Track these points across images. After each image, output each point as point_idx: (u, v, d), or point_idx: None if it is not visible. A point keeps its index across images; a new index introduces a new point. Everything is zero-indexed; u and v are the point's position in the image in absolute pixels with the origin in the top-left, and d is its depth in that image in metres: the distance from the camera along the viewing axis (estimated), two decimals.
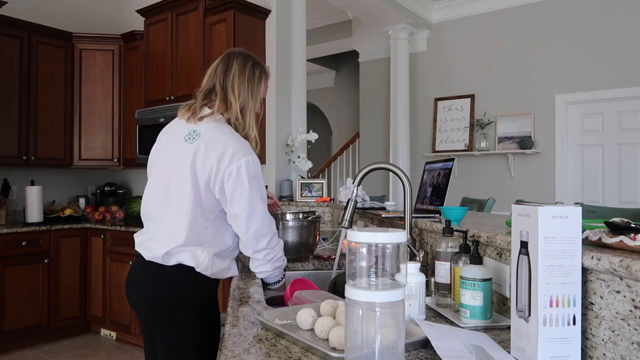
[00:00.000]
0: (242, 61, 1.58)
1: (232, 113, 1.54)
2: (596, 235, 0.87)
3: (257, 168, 1.50)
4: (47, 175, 4.53)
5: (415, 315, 1.14)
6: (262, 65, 1.63)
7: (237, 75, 1.55)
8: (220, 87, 1.55)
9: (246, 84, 1.56)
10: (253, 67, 1.59)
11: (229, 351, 0.95)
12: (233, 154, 1.45)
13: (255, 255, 1.54)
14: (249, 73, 1.57)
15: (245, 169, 1.45)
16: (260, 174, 1.52)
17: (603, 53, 4.69)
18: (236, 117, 1.54)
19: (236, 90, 1.54)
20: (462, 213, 1.54)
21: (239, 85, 1.55)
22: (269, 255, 1.54)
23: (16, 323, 3.74)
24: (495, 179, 5.27)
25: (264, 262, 1.55)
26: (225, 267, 1.54)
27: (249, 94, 1.57)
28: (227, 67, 1.57)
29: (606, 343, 0.80)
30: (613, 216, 0.98)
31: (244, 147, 1.48)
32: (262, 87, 1.62)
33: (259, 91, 1.60)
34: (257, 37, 3.80)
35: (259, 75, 1.60)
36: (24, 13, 4.21)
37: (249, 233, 1.49)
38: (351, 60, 7.43)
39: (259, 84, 1.59)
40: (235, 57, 1.59)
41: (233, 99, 1.54)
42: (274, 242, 1.55)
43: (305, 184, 3.67)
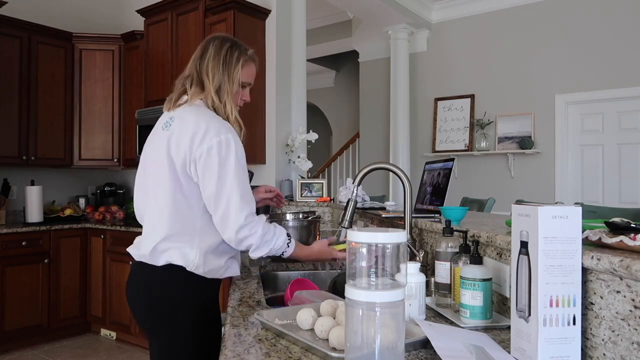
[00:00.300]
0: (218, 44, 1.53)
1: (208, 96, 1.49)
2: (596, 235, 0.87)
3: (231, 148, 1.40)
4: (47, 175, 4.53)
5: (415, 315, 1.14)
6: (241, 47, 1.56)
7: (212, 57, 1.51)
8: (196, 72, 1.53)
9: (221, 65, 1.50)
10: (230, 49, 1.53)
11: (229, 351, 0.95)
12: (205, 133, 1.39)
13: (231, 242, 1.43)
14: (224, 55, 1.51)
15: (217, 148, 1.38)
16: (236, 155, 1.41)
17: (603, 53, 4.69)
18: (212, 99, 1.49)
19: (210, 73, 1.50)
20: (462, 213, 1.54)
21: (213, 67, 1.50)
22: (248, 240, 1.42)
23: (16, 323, 3.74)
24: (495, 179, 5.27)
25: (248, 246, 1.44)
26: (220, 265, 1.47)
27: (225, 75, 1.50)
28: (203, 52, 1.54)
29: (606, 343, 0.80)
30: (613, 216, 0.98)
31: (217, 126, 1.41)
32: (240, 68, 1.53)
33: (236, 72, 1.52)
34: (257, 37, 3.80)
35: (237, 56, 1.53)
36: (24, 13, 4.21)
37: (217, 216, 1.40)
38: (351, 60, 7.43)
39: (236, 64, 1.52)
40: (212, 40, 1.56)
41: (207, 81, 1.50)
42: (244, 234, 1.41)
43: (305, 184, 3.67)
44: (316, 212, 2.57)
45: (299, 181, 3.68)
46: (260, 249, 1.45)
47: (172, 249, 1.42)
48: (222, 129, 1.41)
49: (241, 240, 1.41)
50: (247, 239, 1.42)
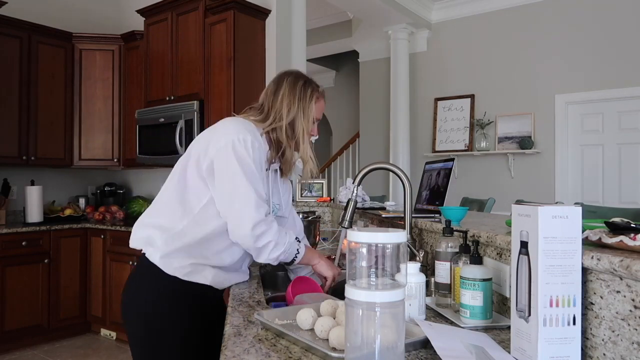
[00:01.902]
0: (292, 80, 1.54)
1: (269, 127, 1.49)
2: (596, 235, 0.87)
3: (248, 147, 1.40)
4: (47, 175, 4.53)
5: (415, 315, 1.14)
6: (313, 84, 1.57)
7: (287, 93, 1.52)
8: (267, 107, 1.53)
9: (296, 102, 1.51)
10: (304, 86, 1.54)
11: (229, 351, 0.95)
12: (225, 132, 1.42)
13: (247, 240, 1.40)
14: (299, 91, 1.52)
15: (232, 146, 1.39)
16: (251, 157, 1.40)
17: (603, 53, 4.69)
18: (277, 134, 1.50)
19: (284, 109, 1.50)
20: (462, 213, 1.54)
21: (288, 104, 1.50)
22: (257, 243, 1.40)
23: (16, 323, 3.74)
24: (495, 179, 5.27)
25: (256, 251, 1.42)
26: (181, 264, 1.42)
27: (300, 112, 1.51)
28: (277, 87, 1.54)
29: (606, 343, 0.80)
30: (613, 216, 0.98)
31: (238, 127, 1.43)
32: (314, 105, 1.54)
33: (310, 109, 1.53)
34: (257, 37, 3.80)
35: (310, 93, 1.54)
36: (24, 13, 4.21)
37: (233, 212, 1.39)
38: (351, 60, 7.43)
39: (310, 101, 1.53)
40: (286, 76, 1.56)
41: (273, 116, 1.50)
42: (260, 229, 1.39)
43: (305, 184, 3.67)
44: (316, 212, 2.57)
45: (298, 182, 3.68)
46: (277, 246, 1.42)
47: (145, 231, 1.48)
48: (242, 130, 1.42)
49: (258, 236, 1.38)
50: (265, 235, 1.39)
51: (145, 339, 1.46)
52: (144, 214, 1.54)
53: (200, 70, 3.78)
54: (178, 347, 1.44)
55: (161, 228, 1.45)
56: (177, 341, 1.44)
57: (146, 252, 1.46)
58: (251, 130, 1.44)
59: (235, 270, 1.55)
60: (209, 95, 3.73)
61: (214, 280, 1.48)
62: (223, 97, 3.63)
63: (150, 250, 1.45)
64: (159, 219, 1.48)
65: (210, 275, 1.46)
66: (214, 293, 1.51)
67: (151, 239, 1.46)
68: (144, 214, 1.55)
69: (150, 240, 1.46)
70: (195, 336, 1.47)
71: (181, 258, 1.43)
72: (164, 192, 1.52)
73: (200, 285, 1.46)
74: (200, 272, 1.45)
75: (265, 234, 1.39)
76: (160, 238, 1.44)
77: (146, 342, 1.45)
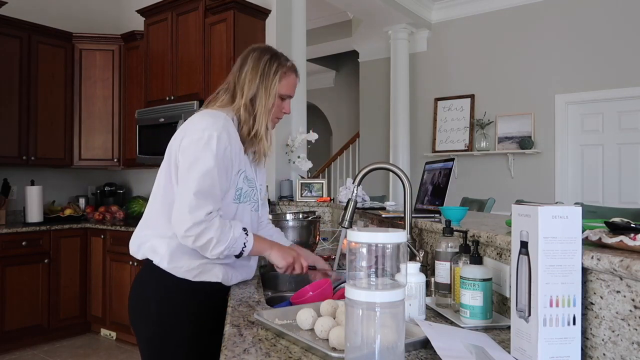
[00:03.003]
0: (257, 55, 1.51)
1: (236, 108, 1.48)
2: (596, 235, 0.87)
3: (212, 144, 1.36)
4: (47, 175, 4.53)
5: (415, 315, 1.14)
6: (280, 58, 1.53)
7: (250, 69, 1.49)
8: (233, 84, 1.52)
9: (258, 78, 1.48)
10: (270, 61, 1.50)
11: (229, 351, 0.95)
12: (194, 126, 1.41)
13: (187, 238, 1.35)
14: (263, 67, 1.49)
15: (194, 144, 1.37)
16: (216, 153, 1.37)
17: (603, 53, 4.69)
18: (241, 112, 1.48)
19: (246, 85, 1.48)
20: (462, 213, 1.54)
21: (250, 80, 1.48)
22: (195, 243, 1.35)
23: (16, 323, 3.74)
24: (495, 179, 5.27)
25: (198, 249, 1.37)
26: (191, 266, 1.42)
27: (262, 88, 1.48)
28: (242, 63, 1.53)
29: (606, 343, 0.80)
30: (613, 216, 0.98)
31: (207, 122, 1.40)
32: (278, 81, 1.50)
33: (273, 85, 1.49)
34: (257, 37, 3.80)
35: (275, 68, 1.50)
36: (24, 13, 4.21)
37: (175, 208, 1.36)
38: (351, 60, 7.43)
39: (274, 77, 1.49)
40: (252, 52, 1.54)
41: (239, 94, 1.49)
42: (197, 230, 1.33)
43: (305, 184, 3.67)
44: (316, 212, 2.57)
45: (299, 181, 3.68)
46: (219, 243, 1.36)
47: (148, 242, 1.46)
48: (210, 126, 1.39)
49: (197, 236, 1.33)
50: (204, 234, 1.34)
51: (154, 339, 1.46)
52: (140, 226, 1.52)
53: (200, 70, 3.78)
54: (187, 345, 1.45)
55: (161, 236, 1.44)
56: (186, 340, 1.45)
57: (154, 260, 1.44)
58: (220, 125, 1.40)
59: (243, 266, 1.55)
60: (209, 96, 3.70)
61: (224, 278, 1.48)
62: None
63: (157, 258, 1.44)
64: (156, 229, 1.47)
65: (221, 272, 1.46)
66: (221, 289, 1.50)
67: (154, 247, 1.45)
68: (140, 226, 1.53)
69: (153, 248, 1.45)
70: (204, 334, 1.47)
71: (188, 261, 1.43)
72: (152, 201, 1.50)
73: (209, 283, 1.46)
74: (210, 271, 1.45)
75: (204, 233, 1.34)
76: (162, 245, 1.43)
77: (156, 342, 1.45)
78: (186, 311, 1.45)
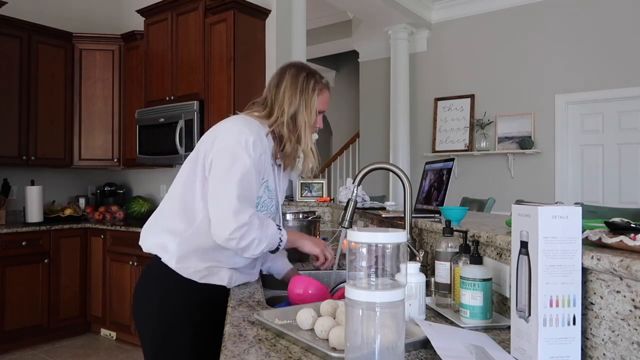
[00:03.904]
0: (295, 72, 1.53)
1: (274, 122, 1.49)
2: (596, 235, 0.87)
3: (247, 150, 1.38)
4: (47, 175, 4.53)
5: (415, 315, 1.14)
6: (316, 75, 1.55)
7: (289, 86, 1.50)
8: (270, 100, 1.53)
9: (298, 95, 1.49)
10: (307, 78, 1.52)
11: (229, 351, 0.95)
12: (228, 132, 1.42)
13: (230, 240, 1.36)
14: (301, 83, 1.51)
15: (232, 147, 1.38)
16: (251, 158, 1.39)
17: (603, 53, 4.69)
18: (276, 126, 1.48)
19: (286, 102, 1.49)
20: (462, 213, 1.54)
21: (290, 96, 1.49)
22: (239, 244, 1.37)
23: (16, 323, 3.74)
24: (495, 179, 5.27)
25: (239, 250, 1.40)
26: (198, 268, 1.43)
27: (302, 104, 1.49)
28: (279, 80, 1.53)
29: (606, 343, 0.80)
30: (613, 216, 0.98)
31: (241, 128, 1.42)
32: (316, 97, 1.52)
33: (313, 101, 1.51)
34: (257, 37, 3.80)
35: (313, 85, 1.52)
36: (24, 13, 4.21)
37: (217, 211, 1.38)
38: (351, 60, 7.43)
39: (312, 93, 1.51)
40: (288, 69, 1.55)
41: (278, 110, 1.49)
42: (241, 232, 1.35)
43: (305, 184, 3.67)
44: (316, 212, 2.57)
45: (299, 181, 3.68)
46: (261, 242, 1.39)
47: (158, 238, 1.47)
48: (245, 131, 1.41)
49: (240, 238, 1.35)
50: (246, 235, 1.36)
51: (157, 337, 1.46)
52: (154, 218, 1.53)
53: (200, 70, 3.78)
54: (189, 344, 1.45)
55: (173, 233, 1.45)
56: (188, 339, 1.45)
57: (162, 257, 1.45)
58: (255, 131, 1.43)
59: (248, 272, 1.55)
60: (209, 95, 3.73)
61: (229, 281, 1.49)
62: (223, 97, 3.63)
63: (166, 257, 1.44)
64: (169, 224, 1.47)
65: (227, 276, 1.48)
66: (223, 290, 1.51)
67: (165, 244, 1.45)
68: (154, 217, 1.54)
69: (164, 246, 1.45)
70: (206, 333, 1.48)
71: (197, 262, 1.44)
72: (172, 194, 1.51)
73: (214, 285, 1.47)
74: (217, 274, 1.46)
75: (247, 234, 1.36)
76: (173, 243, 1.43)
77: (159, 340, 1.46)
78: (189, 311, 1.45)
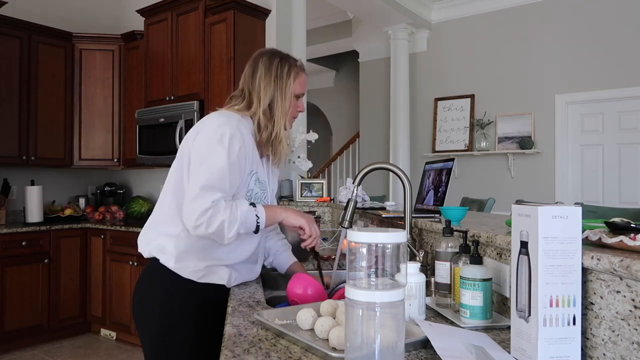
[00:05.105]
0: (267, 60, 1.51)
1: (254, 114, 1.49)
2: (596, 235, 0.87)
3: (219, 142, 1.37)
4: (47, 175, 4.53)
5: (415, 315, 1.14)
6: (290, 59, 1.54)
7: (264, 75, 1.50)
8: (247, 91, 1.52)
9: (272, 82, 1.49)
10: (280, 63, 1.51)
11: (229, 351, 0.95)
12: (206, 128, 1.42)
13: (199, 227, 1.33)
14: (275, 71, 1.50)
15: (207, 141, 1.38)
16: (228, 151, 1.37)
17: (603, 53, 4.69)
18: (259, 117, 1.48)
19: (262, 91, 1.48)
20: (462, 213, 1.54)
21: (265, 85, 1.49)
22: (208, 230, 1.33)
23: (16, 323, 3.74)
24: (495, 179, 5.27)
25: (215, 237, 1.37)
26: (197, 267, 1.43)
27: (277, 92, 1.49)
28: (253, 70, 1.53)
29: (606, 343, 0.80)
30: (613, 216, 0.98)
31: (221, 120, 1.42)
32: (292, 82, 1.51)
33: (289, 87, 1.50)
34: (257, 37, 3.80)
35: (287, 70, 1.51)
36: (24, 13, 4.21)
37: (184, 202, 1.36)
38: (351, 60, 7.43)
39: (287, 79, 1.50)
40: (260, 57, 1.54)
41: (256, 100, 1.49)
42: (205, 217, 1.32)
43: (305, 184, 3.67)
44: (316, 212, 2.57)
45: (299, 181, 3.68)
46: (232, 223, 1.34)
47: (155, 240, 1.46)
48: (222, 125, 1.41)
49: (207, 221, 1.32)
50: (214, 218, 1.32)
51: (157, 337, 1.46)
52: (148, 225, 1.53)
53: (200, 70, 3.78)
54: (189, 344, 1.45)
55: (169, 235, 1.45)
56: (188, 339, 1.45)
57: (160, 259, 1.45)
58: (234, 124, 1.42)
59: (247, 269, 1.55)
60: (209, 95, 3.73)
61: (229, 280, 1.48)
62: (223, 97, 3.62)
63: (164, 258, 1.44)
64: (164, 228, 1.47)
65: (226, 275, 1.47)
66: (223, 290, 1.51)
67: (162, 246, 1.45)
68: (148, 224, 1.54)
69: (161, 247, 1.45)
70: (207, 333, 1.48)
71: (195, 261, 1.44)
72: (163, 198, 1.51)
73: (213, 284, 1.47)
74: (216, 273, 1.46)
75: (213, 218, 1.32)
76: (170, 244, 1.44)
77: (159, 340, 1.46)
78: (189, 311, 1.45)
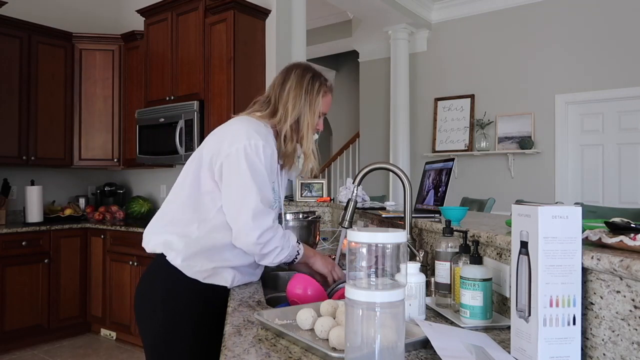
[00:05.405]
0: (300, 73, 1.53)
1: (281, 124, 1.49)
2: (596, 235, 0.87)
3: (257, 155, 1.39)
4: (47, 175, 4.53)
5: (415, 315, 1.14)
6: (321, 78, 1.56)
7: (294, 87, 1.51)
8: (274, 99, 1.53)
9: (303, 96, 1.50)
10: (312, 80, 1.53)
11: (229, 351, 0.95)
12: (236, 135, 1.42)
13: (254, 247, 1.40)
14: (306, 85, 1.52)
15: (243, 152, 1.38)
16: (262, 163, 1.40)
17: (603, 53, 4.69)
18: (285, 128, 1.49)
19: (290, 102, 1.49)
20: (462, 213, 1.54)
21: (294, 97, 1.50)
22: (263, 250, 1.41)
23: (16, 323, 3.74)
24: (495, 179, 5.27)
25: (261, 256, 1.44)
26: (204, 268, 1.44)
27: (306, 106, 1.51)
28: (284, 80, 1.54)
29: (606, 343, 0.80)
30: (613, 216, 0.98)
31: (249, 131, 1.42)
32: (321, 99, 1.53)
33: (317, 103, 1.53)
34: (257, 37, 3.80)
35: (317, 87, 1.53)
36: (24, 13, 4.21)
37: (240, 219, 1.38)
38: (351, 60, 7.43)
39: (316, 96, 1.52)
40: (294, 69, 1.55)
41: (282, 110, 1.50)
42: (267, 237, 1.40)
43: (305, 184, 3.67)
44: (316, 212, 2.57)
45: (299, 181, 3.68)
46: (283, 251, 1.44)
47: (164, 238, 1.46)
48: (253, 134, 1.41)
49: (265, 243, 1.39)
50: (271, 241, 1.40)
51: (159, 336, 1.46)
52: (157, 219, 1.53)
53: (200, 70, 3.78)
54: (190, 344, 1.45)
55: (181, 233, 1.45)
56: (189, 339, 1.46)
57: (168, 256, 1.44)
58: (263, 134, 1.44)
59: (250, 273, 1.55)
60: (209, 95, 3.73)
61: (232, 282, 1.49)
62: (223, 97, 3.64)
63: (172, 255, 1.44)
64: (174, 226, 1.47)
65: (230, 277, 1.48)
66: (224, 290, 1.51)
67: (171, 242, 1.45)
68: (157, 218, 1.53)
69: (169, 244, 1.45)
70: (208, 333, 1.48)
71: (203, 262, 1.44)
72: (177, 195, 1.50)
73: (216, 285, 1.47)
74: (220, 274, 1.47)
75: (272, 241, 1.41)
76: (180, 242, 1.44)
77: (160, 339, 1.46)
78: (191, 310, 1.46)
